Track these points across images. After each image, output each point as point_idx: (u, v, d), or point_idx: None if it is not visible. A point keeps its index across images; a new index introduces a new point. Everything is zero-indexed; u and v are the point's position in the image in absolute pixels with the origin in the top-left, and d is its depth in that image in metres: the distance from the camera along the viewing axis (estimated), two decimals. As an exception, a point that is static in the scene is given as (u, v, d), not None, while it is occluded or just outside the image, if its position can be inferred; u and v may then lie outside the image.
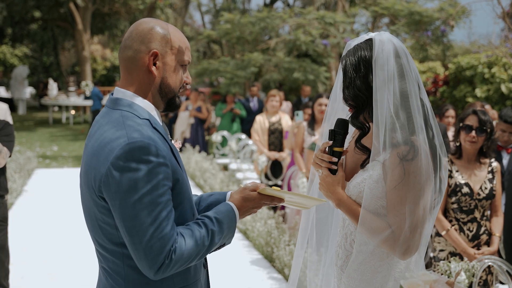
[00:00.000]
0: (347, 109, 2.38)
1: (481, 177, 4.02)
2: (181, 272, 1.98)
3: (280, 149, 8.46)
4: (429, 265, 4.36)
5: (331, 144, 2.32)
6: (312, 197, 2.20)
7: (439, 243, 4.09)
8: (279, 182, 8.31)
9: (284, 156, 8.28)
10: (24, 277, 5.65)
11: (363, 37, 2.33)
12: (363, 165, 2.29)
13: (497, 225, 4.06)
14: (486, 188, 4.00)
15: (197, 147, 11.93)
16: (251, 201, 2.09)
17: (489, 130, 3.95)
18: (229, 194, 2.19)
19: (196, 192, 8.88)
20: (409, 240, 2.14)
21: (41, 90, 26.33)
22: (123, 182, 1.82)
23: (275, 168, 8.47)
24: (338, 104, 2.45)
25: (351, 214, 2.26)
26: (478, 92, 9.21)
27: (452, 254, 4.03)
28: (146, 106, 1.99)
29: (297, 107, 12.37)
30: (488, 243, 4.04)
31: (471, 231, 4.01)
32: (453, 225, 4.02)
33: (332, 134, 2.31)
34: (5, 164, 4.30)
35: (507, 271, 3.74)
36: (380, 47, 2.22)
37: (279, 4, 40.96)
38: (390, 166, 2.17)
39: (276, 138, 8.46)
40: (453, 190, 3.99)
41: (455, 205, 4.02)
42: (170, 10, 24.46)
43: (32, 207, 8.56)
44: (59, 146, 15.86)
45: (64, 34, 27.69)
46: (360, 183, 2.25)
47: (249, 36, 15.67)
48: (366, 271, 2.28)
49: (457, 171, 4.03)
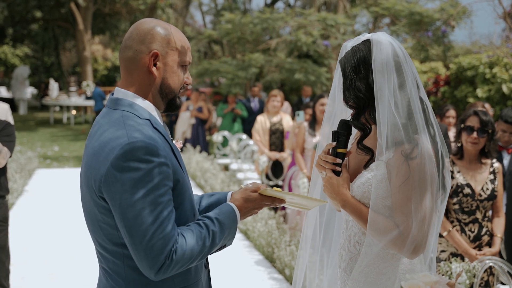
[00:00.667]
0: (347, 109, 2.38)
1: (482, 178, 4.01)
2: (181, 272, 1.97)
3: (281, 149, 8.45)
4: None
5: (335, 145, 2.31)
6: (313, 198, 2.19)
7: (440, 243, 4.09)
8: (280, 183, 8.31)
9: (285, 156, 8.28)
10: (24, 277, 5.65)
11: (359, 38, 2.33)
12: (367, 165, 2.28)
13: (498, 226, 4.06)
14: (487, 189, 3.99)
15: (198, 147, 11.93)
16: (252, 202, 2.09)
17: (490, 130, 3.94)
18: (230, 195, 2.18)
19: (197, 192, 8.88)
20: (417, 239, 2.14)
21: (42, 90, 26.35)
22: (123, 182, 1.81)
23: (276, 169, 8.47)
24: (338, 104, 2.45)
25: (356, 215, 2.25)
26: (479, 92, 9.20)
27: (454, 255, 4.02)
28: (146, 106, 1.99)
29: (298, 107, 12.36)
30: (489, 244, 4.03)
31: (472, 232, 4.00)
32: (454, 226, 4.02)
33: (335, 135, 2.31)
34: (5, 164, 4.29)
35: (508, 272, 3.73)
36: (378, 47, 2.23)
37: (279, 5, 40.96)
38: (394, 165, 2.17)
39: (277, 138, 8.45)
40: (455, 191, 3.99)
41: (456, 206, 4.01)
42: (171, 10, 24.46)
43: (33, 207, 8.56)
44: (60, 146, 15.86)
45: (65, 34, 27.71)
46: (364, 183, 2.25)
47: (250, 36, 15.66)
48: (371, 273, 2.27)
49: (459, 171, 4.02)
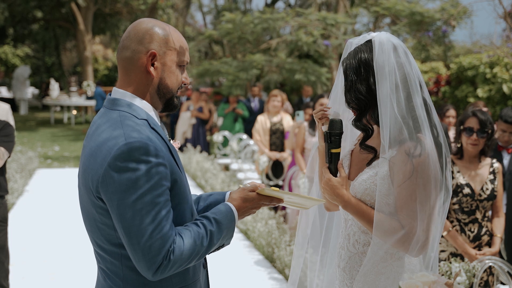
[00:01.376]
0: (349, 111, 2.38)
1: (482, 177, 4.01)
2: (179, 272, 1.97)
3: (281, 149, 8.45)
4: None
5: (328, 146, 2.31)
6: (311, 197, 2.19)
7: (440, 243, 4.08)
8: (280, 182, 8.30)
9: (285, 156, 8.28)
10: (24, 277, 5.65)
11: (365, 37, 2.32)
12: (370, 163, 2.28)
13: (498, 225, 4.05)
14: (487, 189, 3.99)
15: (199, 147, 11.93)
16: (250, 202, 2.09)
17: (490, 131, 3.94)
18: (228, 194, 2.18)
19: (197, 192, 8.88)
20: (422, 238, 2.14)
21: (43, 91, 26.37)
22: (121, 182, 1.81)
23: (276, 168, 8.47)
24: (339, 105, 2.45)
25: (358, 215, 2.24)
26: (480, 92, 9.19)
27: (453, 254, 4.02)
28: (144, 106, 1.98)
29: (298, 107, 12.36)
30: (489, 244, 4.03)
31: (472, 232, 3.99)
32: (454, 226, 4.01)
33: (328, 136, 2.30)
34: (4, 165, 4.29)
35: (508, 272, 3.72)
36: (380, 48, 2.22)
37: (280, 4, 40.93)
38: (398, 163, 2.16)
39: (277, 138, 8.45)
40: (455, 191, 3.98)
41: (456, 206, 4.00)
42: (172, 10, 24.47)
43: (33, 207, 8.56)
44: (60, 146, 15.87)
45: (66, 34, 27.74)
46: (366, 180, 2.24)
47: (250, 36, 15.65)
48: (370, 272, 2.27)
49: (459, 171, 4.01)
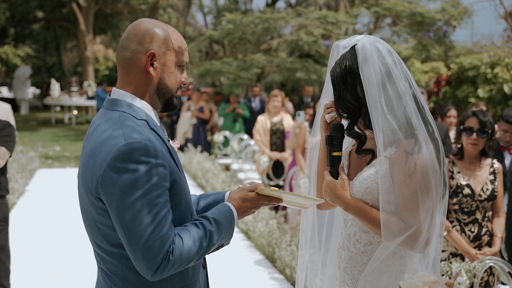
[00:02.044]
0: None
1: (482, 178, 4.01)
2: (179, 272, 1.97)
3: (281, 149, 8.45)
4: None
5: (329, 149, 2.31)
6: (311, 197, 2.19)
7: (440, 243, 4.07)
8: (281, 183, 8.30)
9: (286, 156, 8.28)
10: (25, 277, 5.65)
11: (350, 40, 2.32)
12: (369, 162, 2.29)
13: (498, 226, 4.05)
14: (487, 189, 3.98)
15: (199, 147, 11.93)
16: (250, 202, 2.09)
17: (490, 131, 3.93)
18: (227, 194, 2.18)
19: (198, 192, 8.88)
20: (426, 235, 2.16)
21: (44, 91, 26.38)
22: (120, 183, 1.81)
23: (277, 169, 8.47)
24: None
25: (360, 215, 2.24)
26: (481, 92, 9.18)
27: (454, 255, 4.02)
28: (143, 106, 1.98)
29: (299, 107, 12.35)
30: (489, 244, 4.02)
31: (472, 232, 3.99)
32: (454, 226, 4.01)
33: (329, 139, 2.31)
34: (5, 165, 4.29)
35: (508, 272, 3.72)
36: (363, 54, 2.22)
37: (280, 4, 40.92)
38: (397, 161, 2.17)
39: (277, 138, 8.45)
40: (455, 191, 3.98)
41: (456, 206, 4.00)
42: (172, 10, 24.47)
43: (34, 207, 8.57)
44: (61, 146, 15.87)
45: (67, 34, 27.75)
46: (367, 178, 2.24)
47: (251, 36, 15.65)
48: (372, 271, 2.27)
49: (459, 172, 4.01)
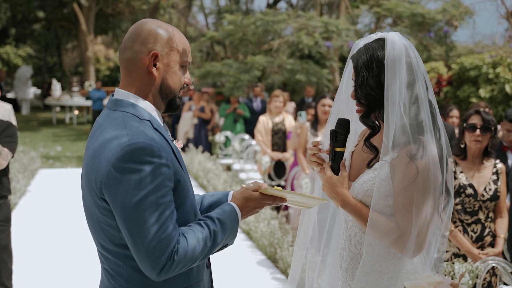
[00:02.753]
0: (352, 109, 2.37)
1: (485, 178, 4.00)
2: (183, 272, 1.97)
3: (283, 149, 8.45)
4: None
5: (333, 144, 2.31)
6: (314, 197, 2.19)
7: (442, 244, 4.07)
8: (282, 183, 8.30)
9: (287, 156, 8.27)
10: (27, 277, 5.65)
11: (372, 37, 2.32)
12: (370, 164, 2.28)
13: (501, 226, 4.04)
14: (490, 189, 3.98)
15: (200, 147, 11.92)
16: (253, 201, 2.08)
17: (493, 128, 3.93)
18: (231, 194, 2.18)
19: (199, 192, 8.88)
20: (416, 241, 2.14)
21: (45, 91, 26.40)
22: (125, 183, 1.81)
23: (278, 169, 8.46)
24: (343, 104, 2.45)
25: (356, 215, 2.25)
26: (482, 92, 9.18)
27: (456, 255, 4.01)
28: (146, 107, 1.98)
29: (300, 107, 12.36)
30: (492, 245, 4.01)
31: (475, 233, 3.98)
32: (456, 226, 4.00)
33: (333, 134, 2.30)
34: (7, 165, 4.29)
35: (511, 272, 3.71)
36: (392, 46, 2.22)
37: (282, 4, 40.88)
38: (399, 165, 2.17)
39: (279, 139, 8.45)
40: (457, 191, 3.97)
41: (459, 206, 4.00)
42: (173, 10, 24.47)
43: (35, 207, 8.57)
44: (62, 146, 15.88)
45: (68, 34, 27.75)
46: (367, 181, 2.24)
47: (252, 37, 15.65)
48: (372, 272, 2.27)
49: (461, 172, 4.01)
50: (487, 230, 4.00)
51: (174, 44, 1.99)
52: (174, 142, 2.06)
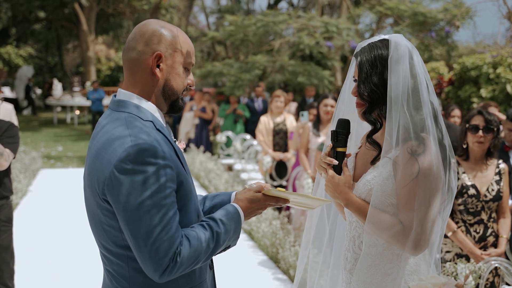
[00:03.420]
0: (355, 110, 2.38)
1: (488, 178, 3.99)
2: (186, 274, 1.96)
3: (285, 149, 8.44)
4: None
5: (334, 144, 2.31)
6: (317, 198, 2.18)
7: (445, 244, 4.07)
8: (284, 183, 8.29)
9: (289, 156, 8.27)
10: (29, 277, 5.65)
11: (375, 39, 2.35)
12: (373, 161, 2.28)
13: (504, 226, 4.03)
14: (493, 190, 3.97)
15: (202, 148, 11.92)
16: (256, 202, 2.08)
17: (495, 129, 3.92)
18: (233, 195, 2.17)
19: (200, 192, 8.87)
20: (420, 235, 2.14)
21: (46, 91, 26.41)
22: (127, 184, 1.80)
23: (280, 169, 8.46)
24: (346, 105, 2.45)
25: (360, 213, 2.25)
26: (483, 92, 9.17)
27: (459, 255, 4.01)
28: (149, 108, 1.97)
29: (302, 107, 12.35)
30: (495, 245, 4.01)
31: (477, 233, 3.98)
32: (459, 227, 4.00)
33: (335, 134, 2.31)
34: (9, 165, 4.28)
35: (514, 273, 3.71)
36: (395, 47, 2.26)
37: (283, 4, 40.87)
38: (401, 162, 2.18)
39: (280, 139, 8.45)
40: (460, 192, 3.97)
41: (461, 207, 3.99)
42: (175, 10, 24.47)
43: (37, 207, 8.57)
44: (63, 146, 15.88)
45: (69, 34, 27.76)
46: (370, 180, 2.25)
47: (253, 38, 15.64)
48: (376, 273, 2.27)
49: (464, 172, 4.00)
50: (489, 230, 3.99)
51: (178, 45, 1.98)
52: (176, 143, 2.05)
